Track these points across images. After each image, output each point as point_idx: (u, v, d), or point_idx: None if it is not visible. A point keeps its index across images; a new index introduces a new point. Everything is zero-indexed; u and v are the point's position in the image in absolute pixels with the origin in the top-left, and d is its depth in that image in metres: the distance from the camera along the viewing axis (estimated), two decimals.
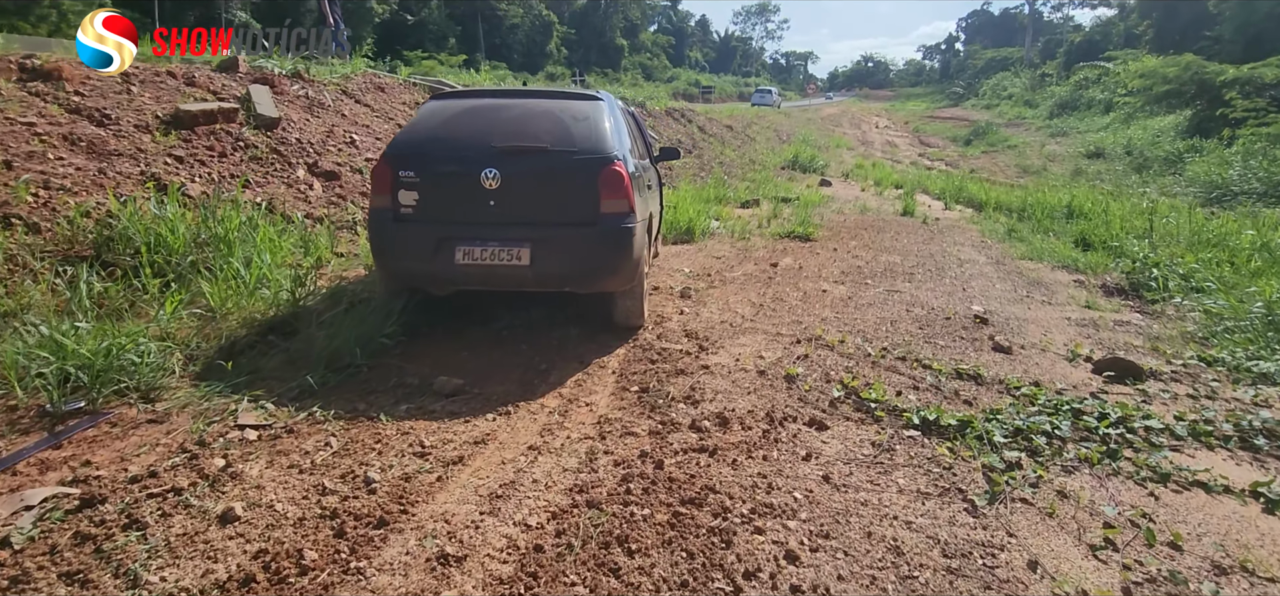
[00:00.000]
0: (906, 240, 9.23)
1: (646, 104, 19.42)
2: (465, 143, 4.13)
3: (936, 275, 7.12)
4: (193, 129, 6.15)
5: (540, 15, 64.53)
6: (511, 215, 4.06)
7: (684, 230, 8.48)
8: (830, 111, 48.59)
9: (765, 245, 8.39)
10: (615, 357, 4.15)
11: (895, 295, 6.14)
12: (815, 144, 27.28)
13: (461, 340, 4.37)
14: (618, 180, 4.03)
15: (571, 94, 4.68)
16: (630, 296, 4.40)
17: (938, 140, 33.28)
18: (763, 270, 6.92)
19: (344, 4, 47.44)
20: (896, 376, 4.16)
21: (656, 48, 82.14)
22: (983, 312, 5.70)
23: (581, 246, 4.04)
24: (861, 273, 7.02)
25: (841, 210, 12.20)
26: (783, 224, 9.82)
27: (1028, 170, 21.11)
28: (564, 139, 4.12)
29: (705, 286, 6.08)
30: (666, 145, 6.62)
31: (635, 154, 5.08)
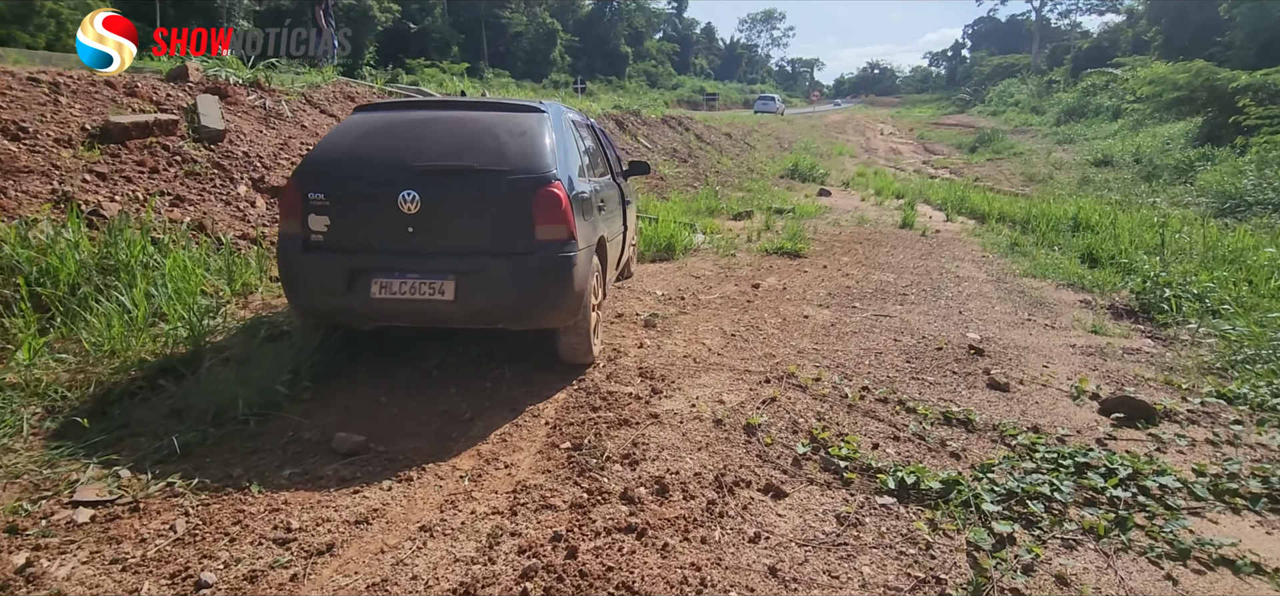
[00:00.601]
0: (902, 255, 8.72)
1: (641, 112, 18.98)
2: (382, 161, 3.66)
3: (931, 296, 6.61)
4: (124, 142, 5.71)
5: (544, 23, 64.41)
6: (434, 243, 3.58)
7: (663, 247, 7.99)
8: (835, 118, 48.14)
9: (751, 262, 7.89)
10: (553, 404, 3.66)
11: (884, 320, 5.62)
12: (817, 152, 26.80)
13: (383, 382, 3.88)
14: (554, 203, 3.55)
15: (512, 105, 4.21)
16: (575, 332, 3.91)
17: (942, 147, 32.72)
18: (743, 292, 6.43)
19: (347, 13, 47.53)
20: (875, 423, 3.65)
21: (661, 55, 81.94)
22: (979, 341, 5.19)
23: (514, 279, 3.56)
24: (850, 294, 6.51)
25: (838, 222, 11.70)
26: (773, 238, 9.32)
27: (1033, 178, 20.52)
28: (495, 157, 3.64)
29: (675, 312, 5.59)
30: (637, 159, 6.15)
31: (591, 172, 4.60)
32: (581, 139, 4.58)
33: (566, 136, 4.10)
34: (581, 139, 4.58)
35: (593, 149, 5.00)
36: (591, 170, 4.62)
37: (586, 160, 4.54)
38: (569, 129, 4.27)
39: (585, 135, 4.83)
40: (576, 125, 4.65)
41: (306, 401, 3.59)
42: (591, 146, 4.98)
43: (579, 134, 4.56)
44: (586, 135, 4.91)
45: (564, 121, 4.22)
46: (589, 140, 4.96)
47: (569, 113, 4.67)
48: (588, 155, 4.64)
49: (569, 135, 4.20)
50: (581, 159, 4.33)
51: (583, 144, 4.55)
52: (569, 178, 3.79)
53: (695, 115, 27.03)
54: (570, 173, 3.85)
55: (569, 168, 3.87)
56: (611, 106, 18.68)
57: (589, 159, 4.64)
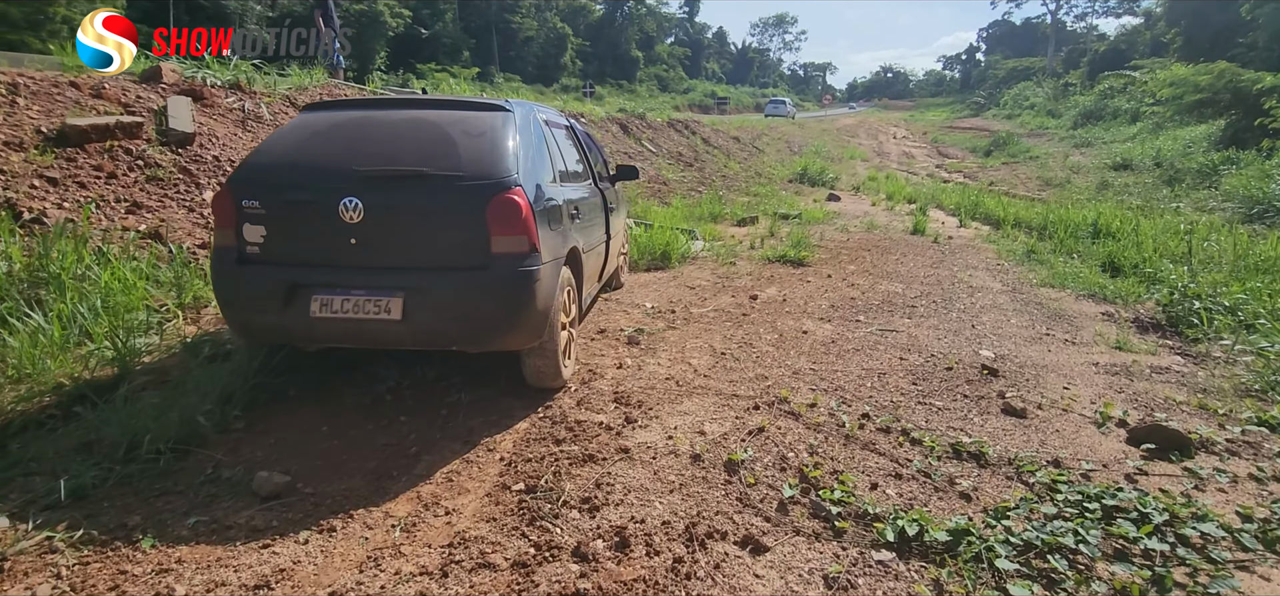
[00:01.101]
0: (912, 264, 8.28)
1: (647, 115, 18.61)
2: (323, 166, 3.30)
3: (942, 307, 6.18)
4: (82, 146, 5.41)
5: (554, 28, 64.33)
6: (379, 257, 3.22)
7: (658, 255, 7.61)
8: (847, 122, 47.62)
9: (751, 271, 7.49)
10: (512, 435, 3.27)
11: (890, 336, 5.20)
12: (827, 156, 26.34)
13: (328, 408, 3.52)
14: (513, 212, 3.17)
15: (475, 104, 3.84)
16: (540, 354, 3.53)
17: (956, 151, 32.15)
18: (739, 304, 6.03)
19: (358, 18, 47.42)
20: (874, 458, 3.24)
21: (673, 59, 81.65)
22: (993, 359, 4.77)
23: (467, 296, 3.19)
24: (854, 306, 6.09)
25: (846, 228, 11.26)
26: (777, 245, 8.91)
27: (1050, 182, 19.96)
28: (448, 160, 3.26)
29: (663, 327, 5.20)
30: (625, 163, 5.77)
31: (567, 178, 4.23)
32: (555, 142, 4.20)
33: (535, 139, 3.73)
34: (555, 142, 4.20)
35: (570, 152, 4.63)
36: (567, 176, 4.25)
37: (561, 164, 4.18)
38: (539, 131, 3.90)
39: (560, 138, 4.45)
40: (550, 126, 4.28)
41: (238, 431, 3.23)
42: (569, 150, 4.61)
43: (552, 136, 4.19)
44: (562, 138, 4.53)
45: (533, 122, 3.84)
46: (566, 143, 4.59)
47: (543, 112, 4.30)
48: (563, 159, 4.27)
49: (538, 137, 3.83)
50: (554, 163, 3.96)
51: (556, 147, 4.17)
52: (535, 184, 3.42)
53: (703, 119, 26.63)
54: (537, 178, 3.48)
55: (536, 173, 3.50)
56: (617, 110, 18.34)
57: (565, 163, 4.27)
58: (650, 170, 14.01)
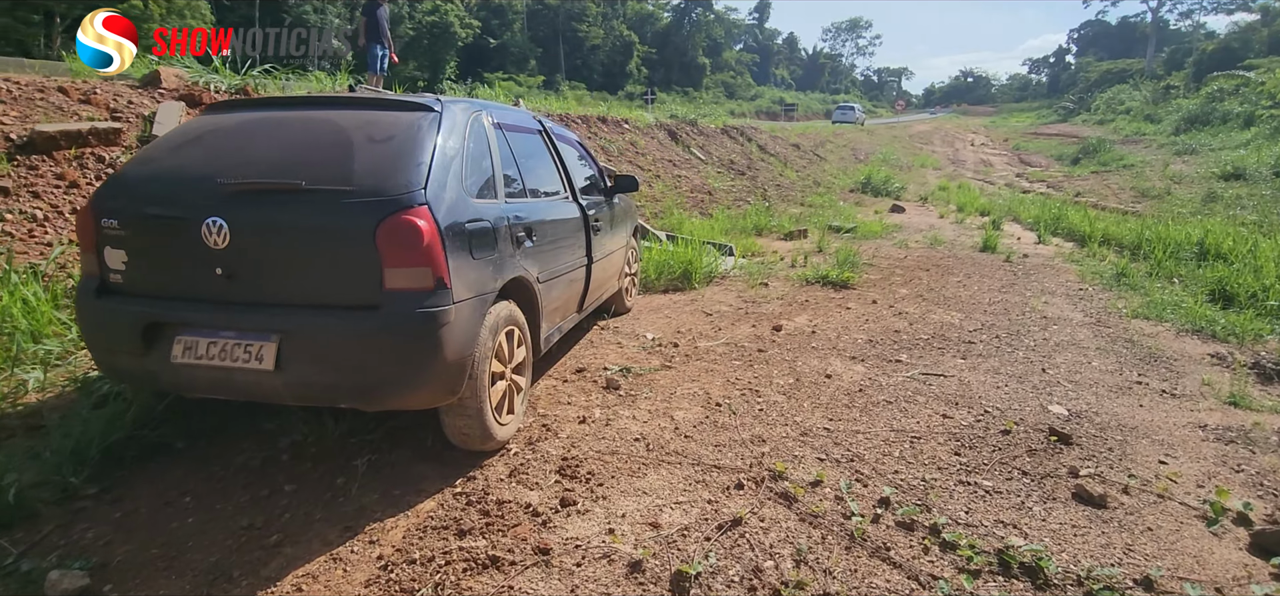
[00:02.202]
0: (977, 287, 7.21)
1: (698, 121, 17.82)
2: (188, 178, 2.70)
3: (1007, 344, 5.17)
4: (49, 154, 5.10)
5: (621, 36, 64.40)
6: (252, 291, 2.59)
7: (678, 274, 6.83)
8: (921, 128, 45.43)
9: (784, 295, 6.62)
10: (409, 520, 2.58)
11: (934, 383, 4.28)
12: (895, 164, 24.89)
13: (208, 468, 2.93)
14: (410, 237, 2.50)
15: (394, 103, 3.18)
16: (460, 412, 2.84)
17: (1040, 159, 29.89)
18: (759, 336, 5.19)
19: (430, 29, 48.52)
20: (886, 573, 2.39)
21: (740, 66, 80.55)
22: (1065, 418, 3.79)
23: (353, 343, 2.52)
24: (897, 341, 5.16)
25: (905, 244, 10.18)
26: (821, 263, 7.99)
27: (1147, 194, 18.01)
28: (335, 171, 2.61)
29: (657, 366, 4.43)
30: (624, 174, 5.04)
31: (521, 193, 3.52)
32: (507, 151, 3.48)
33: (469, 146, 3.04)
34: (507, 151, 3.48)
35: (535, 163, 3.92)
36: (524, 190, 3.55)
37: (514, 177, 3.47)
38: (479, 137, 3.20)
39: (521, 145, 3.72)
40: (506, 131, 3.57)
41: (89, 498, 2.67)
42: (533, 160, 3.90)
43: (503, 144, 3.46)
44: (525, 146, 3.81)
45: (471, 126, 3.14)
46: (529, 152, 3.86)
47: (497, 114, 3.59)
48: (518, 170, 3.55)
49: (477, 145, 3.14)
50: (498, 176, 3.24)
51: (506, 157, 3.43)
52: (455, 201, 2.73)
53: (761, 125, 25.56)
54: (460, 195, 2.79)
55: (460, 187, 2.81)
56: (667, 115, 17.63)
57: (521, 176, 3.56)
58: (695, 178, 13.22)
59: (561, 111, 12.71)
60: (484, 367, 2.84)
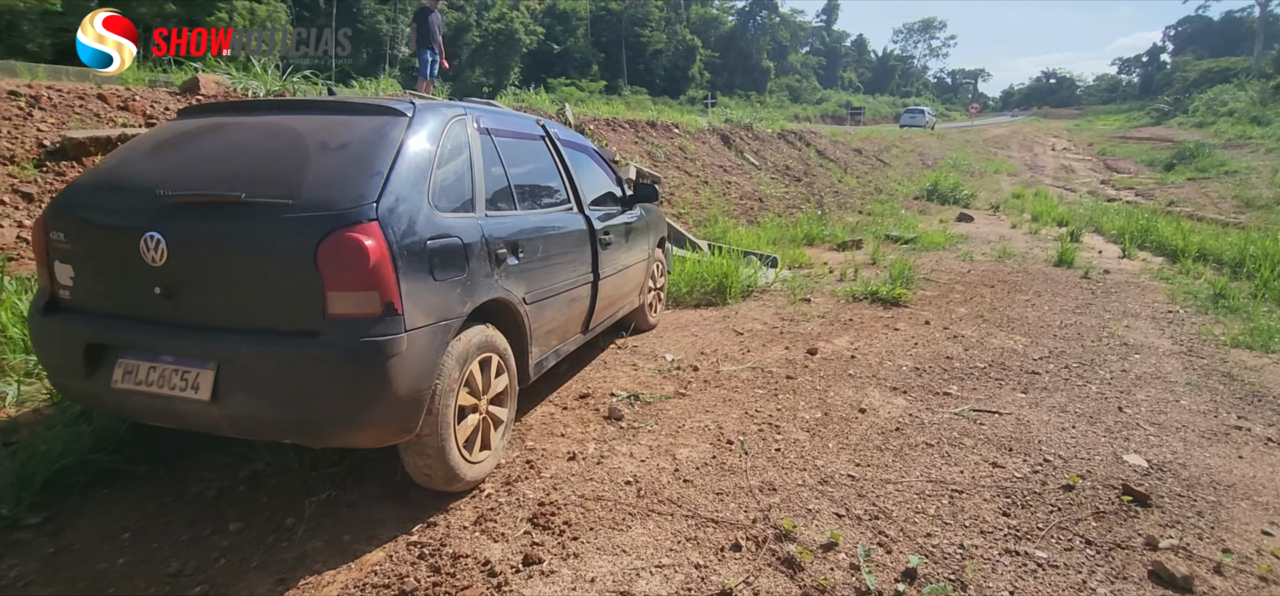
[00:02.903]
0: (1047, 307, 6.52)
1: (754, 126, 17.28)
2: (132, 188, 2.48)
3: (1078, 376, 4.55)
4: (79, 160, 5.13)
5: (684, 40, 64.13)
6: (191, 312, 2.35)
7: (712, 288, 6.40)
8: (996, 132, 43.34)
9: (827, 313, 6.11)
10: (351, 572, 2.27)
11: (986, 422, 3.73)
12: (966, 169, 23.66)
13: (160, 499, 2.70)
14: (354, 257, 2.19)
15: (361, 106, 2.90)
16: (419, 451, 2.52)
17: (1129, 165, 27.88)
18: (791, 360, 4.73)
19: (496, 37, 49.40)
20: None
21: (806, 69, 79.11)
22: (1144, 471, 3.21)
23: (293, 374, 2.24)
24: (948, 370, 4.60)
25: (970, 256, 9.44)
26: (873, 277, 7.42)
27: (1252, 203, 16.41)
28: (279, 183, 2.34)
29: (671, 392, 4.03)
30: (645, 183, 4.66)
31: (513, 202, 3.20)
32: (496, 158, 3.14)
33: (446, 154, 2.72)
34: (496, 158, 3.14)
35: (533, 171, 3.59)
36: (515, 200, 3.22)
37: (500, 188, 3.14)
38: (459, 144, 2.86)
39: (514, 152, 3.37)
40: (497, 136, 3.24)
41: (29, 528, 2.48)
42: (531, 168, 3.56)
43: (490, 151, 3.12)
44: (520, 152, 3.47)
45: (448, 132, 2.82)
46: (524, 159, 3.53)
47: (489, 118, 3.26)
48: (508, 180, 3.21)
49: (455, 154, 2.81)
50: (479, 187, 2.89)
51: (494, 165, 3.09)
52: (418, 216, 2.41)
53: (821, 130, 24.70)
54: (423, 207, 2.47)
55: (425, 199, 2.50)
56: (722, 120, 17.16)
57: (510, 185, 3.22)
58: (746, 185, 12.72)
59: (609, 116, 12.44)
60: (448, 401, 2.52)
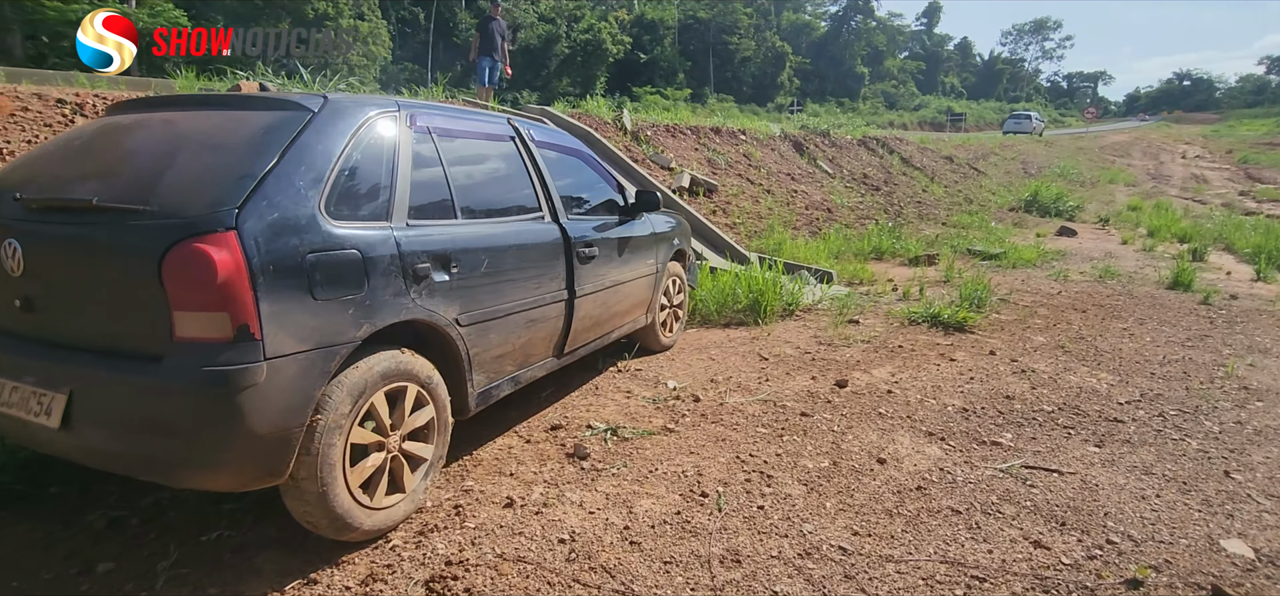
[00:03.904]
0: (1149, 338, 5.52)
1: (831, 132, 16.35)
2: (5, 190, 2.24)
3: (1175, 427, 3.69)
4: None
5: (773, 47, 62.92)
6: (47, 327, 2.09)
7: (744, 306, 5.79)
8: (1117, 138, 39.82)
9: (874, 336, 5.39)
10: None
11: (1039, 484, 2.99)
12: (1075, 178, 21.66)
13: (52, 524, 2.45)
14: (202, 272, 1.83)
15: (265, 101, 2.58)
16: (297, 495, 2.14)
17: (1276, 174, 24.73)
18: (814, 393, 4.09)
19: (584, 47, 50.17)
20: None
21: (904, 74, 75.80)
22: (1247, 565, 2.43)
23: (135, 404, 1.93)
24: (1004, 413, 3.84)
25: (1065, 275, 8.34)
26: (941, 296, 6.60)
27: None
28: (135, 187, 2.04)
29: (658, 427, 3.49)
30: (645, 189, 4.16)
31: (461, 213, 2.78)
32: (429, 160, 2.72)
33: (351, 155, 2.33)
34: (429, 160, 2.72)
35: (485, 175, 3.15)
36: (451, 209, 2.78)
37: (441, 194, 2.72)
38: (374, 143, 2.45)
39: (461, 153, 2.94)
40: (442, 137, 2.83)
41: None
42: (478, 171, 3.13)
43: (428, 151, 2.72)
44: (470, 153, 3.05)
45: (364, 131, 2.41)
46: (477, 161, 3.11)
47: (430, 115, 2.84)
48: (449, 185, 2.77)
49: (366, 153, 2.41)
50: (392, 192, 2.44)
51: (420, 167, 2.65)
52: (293, 222, 2.04)
53: (910, 136, 23.22)
54: (307, 214, 2.09)
55: (313, 206, 2.12)
56: (798, 127, 16.31)
57: (452, 195, 2.78)
58: (815, 194, 11.92)
59: (670, 122, 11.99)
60: (332, 440, 2.14)
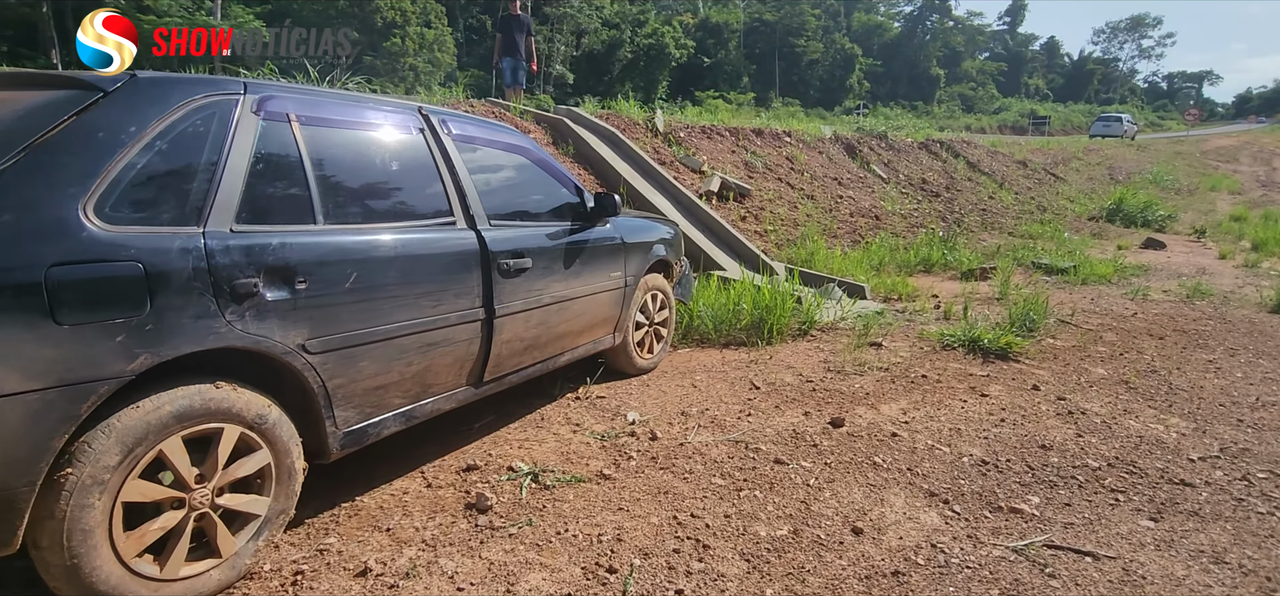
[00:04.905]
0: (1241, 374, 4.58)
1: (888, 135, 15.31)
2: None
3: (1261, 496, 2.86)
4: None
5: (842, 49, 61.11)
6: None
7: (746, 325, 5.14)
8: (1222, 143, 36.50)
9: (895, 362, 4.65)
10: None
11: (1060, 573, 2.27)
12: (1169, 186, 19.76)
13: None
14: None
15: (44, 80, 2.15)
16: (42, 566, 1.68)
17: None
18: (800, 433, 3.43)
19: (647, 51, 49.81)
20: None
21: (983, 76, 72.26)
22: None
23: None
24: (1034, 468, 3.09)
25: (1145, 293, 7.29)
26: (986, 316, 5.77)
27: None
28: None
29: (586, 476, 2.91)
30: (605, 194, 3.59)
31: (288, 215, 2.21)
32: (279, 153, 2.24)
33: (150, 146, 1.86)
34: (279, 153, 2.24)
35: (369, 173, 2.63)
36: (308, 212, 2.27)
37: (298, 192, 2.23)
38: (189, 133, 1.93)
39: (334, 148, 2.44)
40: (309, 125, 2.32)
41: None
42: (359, 168, 2.59)
43: (282, 144, 2.22)
44: (348, 147, 2.52)
45: (179, 118, 1.92)
46: (360, 156, 2.60)
47: (289, 99, 2.30)
48: (310, 184, 2.26)
49: (174, 144, 1.90)
50: (209, 191, 1.93)
51: (262, 162, 2.18)
52: (31, 227, 1.59)
53: (980, 139, 21.64)
54: (60, 217, 1.62)
55: (73, 207, 1.65)
56: (852, 129, 15.36)
57: (317, 191, 2.29)
58: (863, 200, 11.03)
59: (707, 123, 11.35)
60: (90, 499, 1.69)
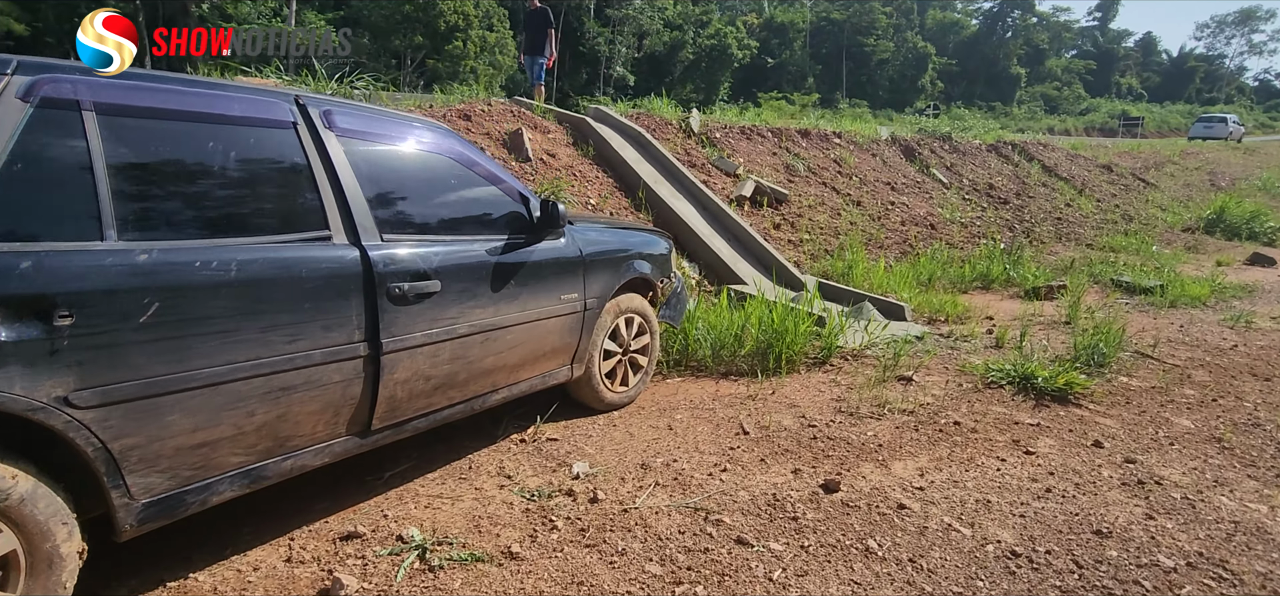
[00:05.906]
0: None
1: (953, 137, 14.16)
2: None
3: None
4: None
5: (914, 48, 58.73)
6: None
7: (755, 351, 4.45)
8: None
9: (924, 404, 3.89)
10: None
11: None
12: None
13: None
14: None
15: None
16: None
17: None
18: (778, 499, 2.75)
19: (709, 52, 49.19)
20: None
21: (1069, 75, 68.03)
22: None
23: None
24: (1086, 569, 2.33)
25: (1249, 320, 6.22)
26: (1043, 345, 4.92)
27: None
28: None
29: (485, 554, 2.32)
30: (551, 204, 3.00)
31: (73, 229, 1.77)
32: (63, 151, 1.77)
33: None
34: (63, 151, 1.77)
35: (201, 176, 2.16)
36: (94, 223, 1.78)
37: (83, 199, 1.79)
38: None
39: (150, 144, 2.04)
40: (112, 116, 1.96)
41: None
42: (185, 169, 2.13)
43: (65, 137, 1.79)
44: (180, 146, 2.11)
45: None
46: (185, 156, 2.16)
47: (119, 89, 2.11)
48: (95, 191, 1.80)
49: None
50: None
51: (35, 163, 1.73)
52: None
53: (1059, 141, 19.91)
54: None
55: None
56: (913, 131, 14.27)
57: (109, 198, 1.82)
58: (919, 208, 10.07)
59: (748, 124, 10.61)
60: None
